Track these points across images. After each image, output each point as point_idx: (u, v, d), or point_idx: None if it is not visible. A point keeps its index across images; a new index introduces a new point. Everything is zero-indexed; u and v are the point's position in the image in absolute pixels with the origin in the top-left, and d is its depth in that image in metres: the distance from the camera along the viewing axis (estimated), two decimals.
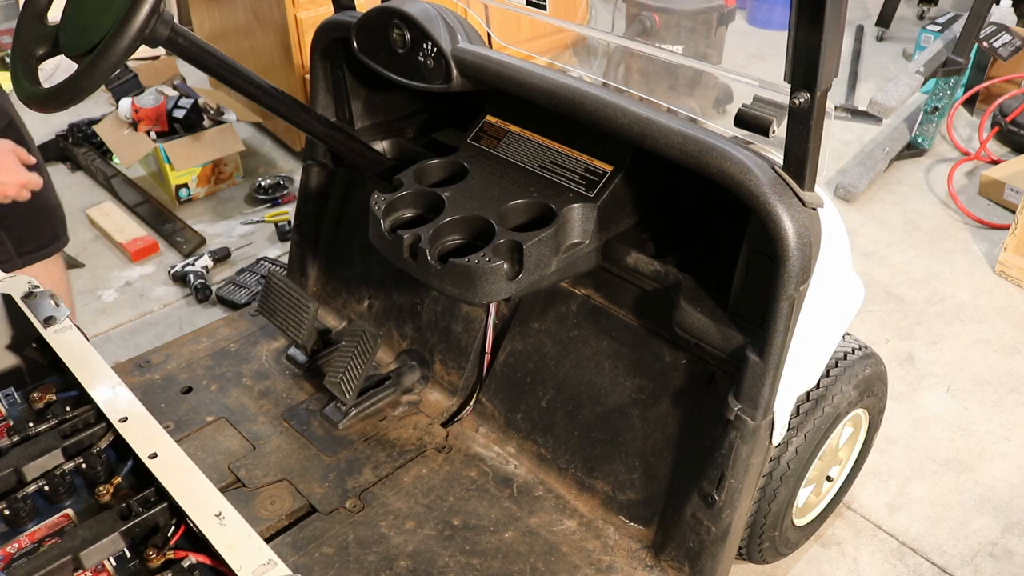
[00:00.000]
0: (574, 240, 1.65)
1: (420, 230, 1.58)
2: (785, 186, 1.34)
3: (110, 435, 1.28)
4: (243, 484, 1.79)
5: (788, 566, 1.98)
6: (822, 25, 1.15)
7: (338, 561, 1.63)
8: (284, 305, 2.07)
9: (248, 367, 2.12)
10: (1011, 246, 2.93)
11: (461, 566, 1.63)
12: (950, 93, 3.57)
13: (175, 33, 1.47)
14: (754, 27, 5.09)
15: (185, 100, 3.39)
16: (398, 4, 1.75)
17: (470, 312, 2.01)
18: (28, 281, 1.50)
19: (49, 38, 1.53)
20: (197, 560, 1.10)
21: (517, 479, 1.83)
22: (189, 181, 3.37)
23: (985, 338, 2.70)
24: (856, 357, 1.77)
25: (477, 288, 1.53)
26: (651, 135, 1.45)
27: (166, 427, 1.88)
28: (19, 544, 1.16)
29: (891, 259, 3.08)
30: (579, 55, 4.24)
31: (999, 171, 3.40)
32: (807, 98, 1.23)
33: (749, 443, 1.50)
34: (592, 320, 1.81)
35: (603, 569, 1.64)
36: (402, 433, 1.94)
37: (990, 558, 2.02)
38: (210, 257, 2.99)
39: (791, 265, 1.34)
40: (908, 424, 2.38)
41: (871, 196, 3.46)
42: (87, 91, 1.43)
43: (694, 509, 1.59)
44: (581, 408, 1.80)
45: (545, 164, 1.73)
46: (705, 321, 1.54)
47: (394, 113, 2.15)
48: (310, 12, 3.23)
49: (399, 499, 1.76)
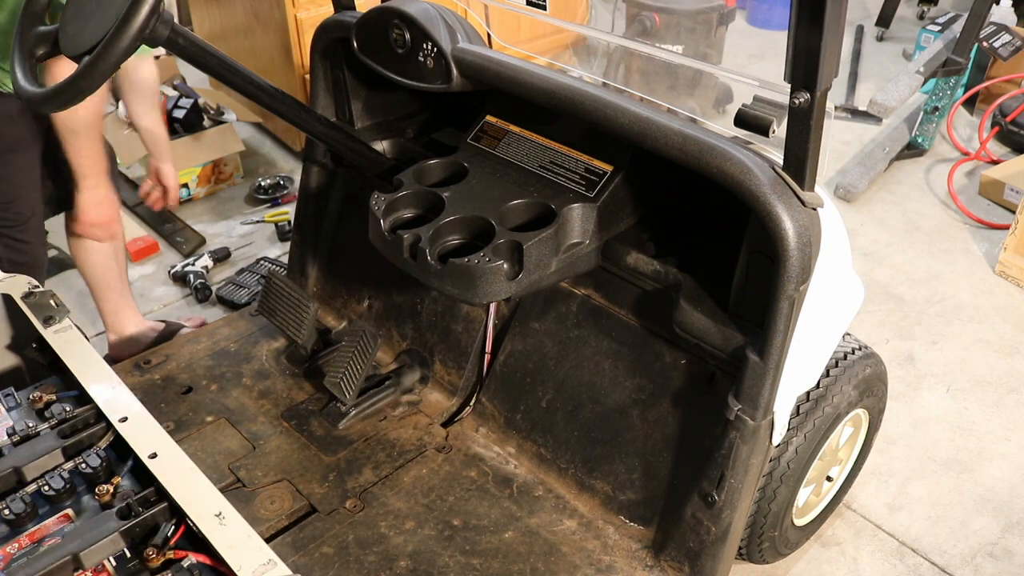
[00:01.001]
0: (574, 240, 1.65)
1: (420, 230, 1.58)
2: (785, 186, 1.34)
3: (110, 435, 1.28)
4: (243, 484, 1.79)
5: (788, 566, 1.98)
6: (822, 25, 1.15)
7: (338, 561, 1.63)
8: (284, 305, 2.07)
9: (248, 367, 2.12)
10: (1011, 246, 2.92)
11: (461, 566, 1.63)
12: (950, 93, 3.57)
13: (175, 33, 1.47)
14: (754, 27, 5.09)
15: (185, 100, 3.39)
16: (398, 4, 1.74)
17: (470, 312, 2.01)
18: (28, 281, 1.50)
19: (49, 38, 1.53)
20: (197, 560, 1.11)
21: (517, 479, 1.83)
22: (189, 181, 3.36)
23: (985, 338, 2.70)
24: (856, 357, 1.77)
25: (477, 288, 1.53)
26: (651, 135, 1.45)
27: (166, 427, 1.88)
28: (19, 544, 1.16)
29: (891, 259, 3.08)
30: (579, 55, 4.24)
31: (999, 171, 3.40)
32: (807, 98, 1.23)
33: (749, 443, 1.50)
34: (592, 320, 1.81)
35: (603, 569, 1.64)
36: (402, 433, 1.93)
37: (990, 558, 2.02)
38: (210, 257, 2.99)
39: (791, 265, 1.34)
40: (908, 424, 2.38)
41: (871, 196, 3.46)
42: (87, 91, 1.43)
43: (694, 509, 1.59)
44: (581, 408, 1.80)
45: (545, 164, 1.73)
46: (705, 321, 1.54)
47: (394, 113, 2.15)
48: (310, 12, 3.23)
49: (399, 499, 1.76)
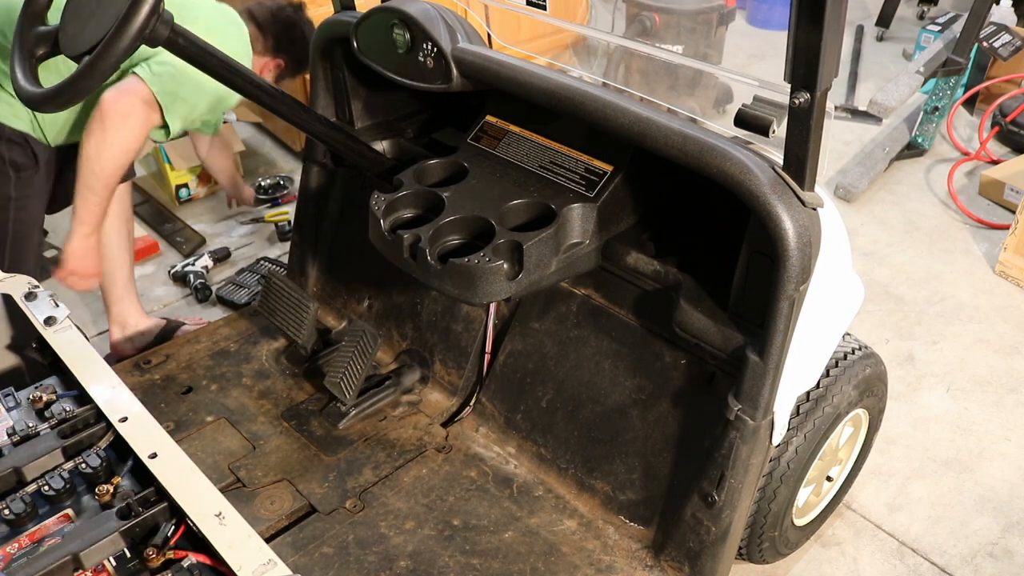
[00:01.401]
0: (574, 240, 1.65)
1: (420, 230, 1.58)
2: (785, 186, 1.34)
3: (110, 435, 1.28)
4: (243, 484, 1.79)
5: (788, 566, 1.98)
6: (822, 25, 1.15)
7: (338, 561, 1.63)
8: (284, 305, 2.07)
9: (248, 367, 2.12)
10: (1011, 246, 2.92)
11: (461, 566, 1.63)
12: (950, 93, 3.57)
13: (175, 33, 1.47)
14: (754, 27, 5.09)
15: None
16: (398, 4, 1.74)
17: (470, 312, 2.01)
18: (28, 281, 1.50)
19: (49, 38, 1.53)
20: (197, 560, 1.10)
21: (517, 479, 1.83)
22: (189, 181, 3.36)
23: (985, 338, 2.70)
24: (856, 357, 1.77)
25: (477, 288, 1.53)
26: (651, 135, 1.45)
27: (166, 427, 1.88)
28: (19, 544, 1.16)
29: (891, 259, 3.08)
30: (579, 55, 4.24)
31: (999, 171, 3.40)
32: (807, 98, 1.23)
33: (749, 443, 1.49)
34: (592, 320, 1.81)
35: (603, 569, 1.64)
36: (402, 433, 1.93)
37: (990, 558, 2.02)
38: (210, 257, 2.99)
39: (791, 265, 1.34)
40: (908, 424, 2.37)
41: (871, 196, 3.46)
42: (86, 92, 1.43)
43: (694, 509, 1.59)
44: (581, 408, 1.80)
45: (545, 164, 1.73)
46: (705, 321, 1.54)
47: (394, 113, 2.15)
48: (310, 12, 3.23)
49: (399, 499, 1.76)
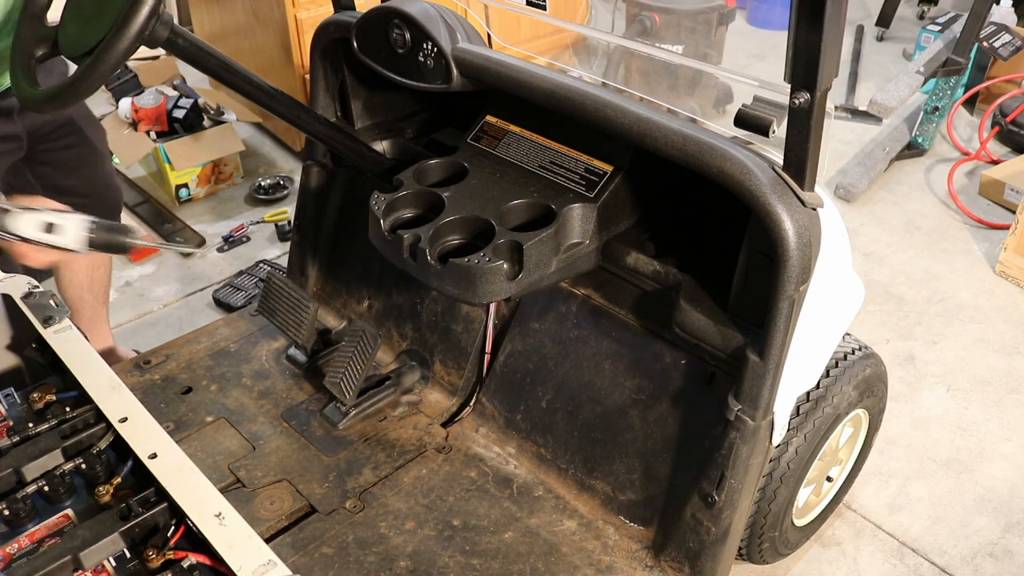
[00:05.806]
0: (574, 240, 1.65)
1: (420, 230, 1.58)
2: (785, 186, 1.34)
3: (110, 435, 1.28)
4: (243, 484, 1.79)
5: (788, 566, 1.98)
6: (822, 25, 1.15)
7: (338, 561, 1.63)
8: (284, 305, 2.07)
9: (248, 367, 2.11)
10: (1011, 246, 2.92)
11: (461, 566, 1.63)
12: (950, 93, 3.56)
13: (175, 34, 1.47)
14: (754, 27, 5.08)
15: (185, 100, 3.38)
16: (398, 4, 1.74)
17: (470, 312, 2.01)
18: (28, 281, 1.50)
19: (48, 39, 1.53)
20: (197, 560, 1.11)
21: (517, 479, 1.83)
22: (189, 181, 3.36)
23: (985, 338, 2.70)
24: (856, 357, 1.77)
25: (477, 288, 1.53)
26: (651, 135, 1.45)
27: (166, 427, 1.88)
28: (19, 544, 1.16)
29: (891, 259, 3.07)
30: (579, 55, 4.23)
31: (999, 171, 3.40)
32: (807, 98, 1.23)
33: (749, 443, 1.49)
34: (592, 320, 1.81)
35: (603, 569, 1.64)
36: (402, 433, 1.93)
37: (990, 558, 2.02)
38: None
39: (791, 265, 1.34)
40: (908, 424, 2.37)
41: (871, 196, 3.46)
42: (86, 92, 1.42)
43: (694, 509, 1.59)
44: (581, 408, 1.80)
45: (545, 164, 1.73)
46: (705, 321, 1.54)
47: (394, 113, 2.15)
48: (310, 12, 3.23)
49: (399, 499, 1.76)
